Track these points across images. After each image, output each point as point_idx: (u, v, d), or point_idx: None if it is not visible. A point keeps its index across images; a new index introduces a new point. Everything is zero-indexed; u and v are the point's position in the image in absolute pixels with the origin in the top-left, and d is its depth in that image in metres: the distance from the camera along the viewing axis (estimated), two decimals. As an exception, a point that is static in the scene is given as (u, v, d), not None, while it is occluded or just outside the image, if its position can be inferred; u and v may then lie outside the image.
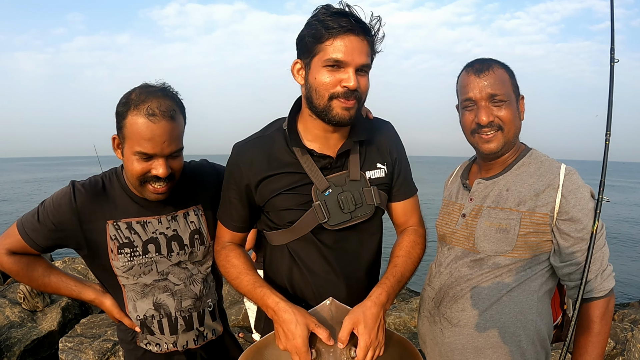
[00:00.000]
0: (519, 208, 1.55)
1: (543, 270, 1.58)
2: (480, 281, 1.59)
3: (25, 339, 4.94)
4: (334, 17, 1.37)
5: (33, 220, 1.56)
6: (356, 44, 1.38)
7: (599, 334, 1.50)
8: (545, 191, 1.53)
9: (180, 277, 1.66)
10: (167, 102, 1.47)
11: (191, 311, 1.69)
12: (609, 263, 1.54)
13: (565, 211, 1.50)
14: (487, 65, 1.57)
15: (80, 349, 4.12)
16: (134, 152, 1.47)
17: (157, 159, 1.48)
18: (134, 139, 1.45)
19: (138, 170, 1.48)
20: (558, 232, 1.52)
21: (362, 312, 1.41)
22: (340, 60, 1.38)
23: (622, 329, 4.78)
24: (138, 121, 1.43)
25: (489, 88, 1.55)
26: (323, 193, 1.52)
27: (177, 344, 1.69)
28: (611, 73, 1.62)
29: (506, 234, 1.55)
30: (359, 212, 1.56)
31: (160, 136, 1.44)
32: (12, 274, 1.62)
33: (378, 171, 1.61)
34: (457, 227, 1.68)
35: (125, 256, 1.58)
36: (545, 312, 1.60)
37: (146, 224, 1.61)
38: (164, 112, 1.45)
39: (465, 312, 1.61)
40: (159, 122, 1.43)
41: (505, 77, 1.57)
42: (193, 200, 1.71)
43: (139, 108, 1.43)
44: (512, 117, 1.57)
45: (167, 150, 1.48)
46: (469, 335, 1.61)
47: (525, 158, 1.63)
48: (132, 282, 1.62)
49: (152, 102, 1.44)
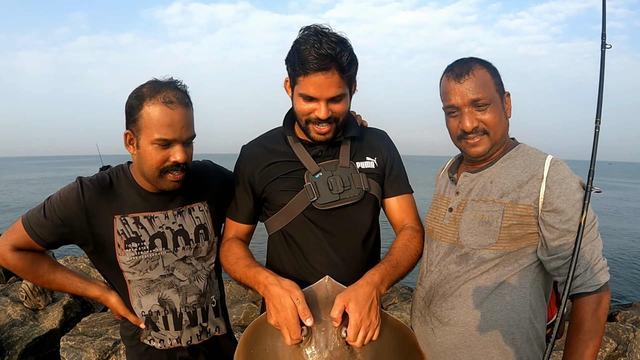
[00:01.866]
0: (502, 200, 1.52)
1: (533, 266, 1.54)
2: (468, 278, 1.56)
3: (26, 337, 4.95)
4: (306, 56, 1.51)
5: (39, 216, 1.56)
6: (324, 81, 1.52)
7: (590, 332, 1.43)
8: (529, 182, 1.50)
9: (186, 272, 1.68)
10: (179, 92, 1.54)
11: (195, 307, 1.70)
12: (603, 257, 1.48)
13: (550, 202, 1.46)
14: (467, 67, 1.55)
15: (82, 348, 4.13)
16: (152, 141, 1.50)
17: (175, 145, 1.52)
18: (152, 127, 1.49)
19: (158, 159, 1.52)
20: (543, 224, 1.48)
21: (354, 290, 1.46)
22: (312, 95, 1.55)
23: (624, 330, 4.76)
24: (156, 109, 1.48)
25: (470, 93, 1.52)
26: (314, 176, 1.68)
27: (181, 340, 1.69)
28: (602, 59, 1.60)
29: (489, 226, 1.52)
30: (347, 194, 1.68)
31: (179, 121, 1.50)
32: (17, 270, 1.61)
33: (367, 162, 1.76)
34: (445, 221, 1.66)
35: (132, 251, 1.59)
36: (539, 309, 1.57)
37: (153, 219, 1.63)
38: (180, 99, 1.52)
39: (455, 311, 1.58)
40: (176, 109, 1.50)
41: (486, 77, 1.54)
42: (198, 196, 1.74)
43: (156, 97, 1.49)
44: (497, 119, 1.55)
45: (185, 135, 1.53)
46: (460, 334, 1.58)
47: (512, 151, 1.61)
48: (138, 278, 1.63)
49: (167, 92, 1.50)
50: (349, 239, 1.71)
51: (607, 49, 1.61)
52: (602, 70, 1.58)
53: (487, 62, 1.59)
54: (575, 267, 1.41)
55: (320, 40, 1.50)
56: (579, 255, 1.43)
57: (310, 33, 1.53)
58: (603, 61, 1.59)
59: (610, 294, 1.48)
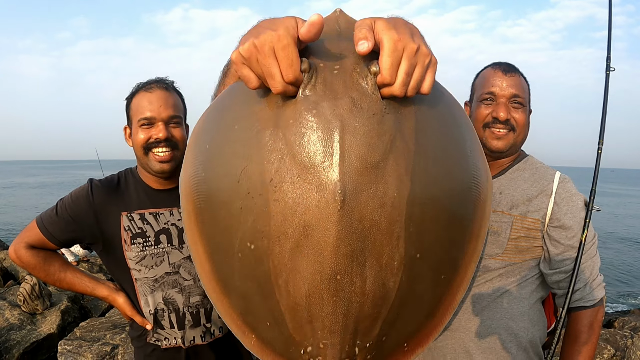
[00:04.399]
0: (511, 212, 1.54)
1: (534, 277, 1.57)
2: (472, 285, 1.58)
3: (24, 341, 4.94)
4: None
5: (52, 214, 1.65)
6: None
7: (586, 344, 1.49)
8: (538, 197, 1.53)
9: (191, 272, 1.70)
10: (162, 83, 1.67)
11: (199, 307, 1.72)
12: (600, 273, 1.54)
13: (557, 218, 1.50)
14: (514, 69, 1.61)
15: (79, 352, 4.13)
16: (137, 125, 1.61)
17: (157, 124, 1.61)
18: (137, 113, 1.62)
19: (142, 138, 1.61)
20: (549, 238, 1.52)
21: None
22: None
23: (622, 336, 4.77)
24: (138, 97, 1.63)
25: (513, 88, 1.57)
26: None
27: (184, 339, 1.71)
28: (606, 82, 1.61)
29: (497, 236, 1.54)
30: None
31: (157, 100, 1.61)
32: (30, 267, 1.70)
33: None
34: None
35: (137, 246, 1.64)
36: (538, 319, 1.60)
37: (158, 215, 1.68)
38: (159, 83, 1.65)
39: (456, 317, 1.60)
40: (154, 91, 1.62)
41: (525, 85, 1.61)
42: None
43: (140, 89, 1.64)
44: (525, 122, 1.60)
45: (165, 113, 1.61)
46: (460, 339, 1.60)
47: (520, 163, 1.64)
48: (144, 275, 1.67)
49: (150, 83, 1.65)
50: None
51: (611, 71, 1.63)
52: (606, 93, 1.60)
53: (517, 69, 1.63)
54: (575, 281, 1.47)
55: None
56: (579, 270, 1.48)
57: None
58: (607, 84, 1.60)
59: (604, 308, 1.54)
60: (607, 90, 1.60)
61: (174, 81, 1.73)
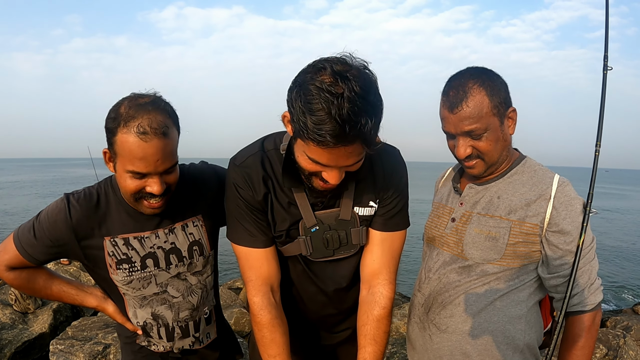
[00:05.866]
0: (509, 217, 1.52)
1: (532, 281, 1.56)
2: (469, 288, 1.58)
3: (16, 340, 4.91)
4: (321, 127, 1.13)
5: (30, 236, 1.52)
6: (342, 153, 1.21)
7: (583, 348, 1.49)
8: (536, 201, 1.50)
9: (179, 289, 1.64)
10: (158, 117, 1.38)
11: (187, 321, 1.68)
12: (598, 277, 1.52)
13: (555, 223, 1.47)
14: (462, 94, 1.46)
15: (71, 352, 4.09)
16: (126, 170, 1.41)
17: (152, 176, 1.43)
18: (126, 158, 1.38)
19: (132, 188, 1.44)
20: (547, 243, 1.50)
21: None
22: (324, 163, 1.26)
23: (614, 336, 4.79)
24: (129, 139, 1.35)
25: (464, 125, 1.47)
26: (310, 229, 1.51)
27: (173, 349, 1.70)
28: (604, 81, 1.56)
29: (495, 242, 1.53)
30: (342, 250, 1.57)
31: (153, 155, 1.38)
32: (14, 287, 1.63)
33: (369, 209, 1.55)
34: (447, 230, 1.66)
35: (123, 271, 1.56)
36: (535, 321, 1.60)
37: (144, 239, 1.57)
38: (156, 130, 1.36)
39: (453, 319, 1.60)
40: (150, 141, 1.36)
41: (483, 103, 1.45)
42: (192, 210, 1.65)
43: (129, 126, 1.35)
44: (493, 145, 1.50)
45: (161, 167, 1.42)
46: (457, 341, 1.60)
47: (518, 166, 1.60)
48: (132, 294, 1.62)
49: (142, 119, 1.36)
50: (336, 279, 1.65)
51: (608, 70, 1.57)
52: (604, 92, 1.55)
53: (487, 79, 1.49)
54: (572, 286, 1.46)
55: (340, 105, 1.11)
56: (577, 275, 1.46)
57: (327, 88, 1.13)
58: (605, 83, 1.55)
59: (601, 312, 1.54)
60: (604, 90, 1.55)
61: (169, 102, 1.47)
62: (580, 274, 1.48)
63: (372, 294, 1.58)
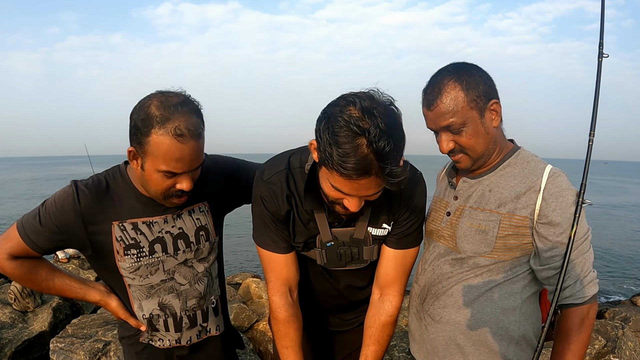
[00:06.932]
0: (499, 210, 1.52)
1: (525, 273, 1.56)
2: (461, 279, 1.59)
3: (16, 339, 4.91)
4: (348, 161, 1.20)
5: (35, 222, 1.50)
6: (365, 184, 1.27)
7: (576, 342, 1.46)
8: (526, 194, 1.49)
9: (186, 276, 1.66)
10: (192, 118, 1.40)
11: (195, 309, 1.69)
12: (593, 269, 1.49)
13: (545, 214, 1.46)
14: (437, 91, 1.48)
15: (71, 350, 4.09)
16: (158, 170, 1.42)
17: (184, 175, 1.46)
18: (159, 158, 1.40)
19: (164, 187, 1.46)
20: (537, 235, 1.49)
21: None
22: (346, 192, 1.32)
23: (612, 327, 4.81)
24: (165, 141, 1.36)
25: (440, 121, 1.50)
26: (325, 243, 1.63)
27: (180, 340, 1.70)
28: (599, 69, 1.51)
29: (485, 235, 1.53)
30: (354, 263, 1.69)
31: (190, 154, 1.41)
32: (15, 278, 1.59)
33: (382, 230, 1.64)
34: (442, 224, 1.67)
35: (132, 257, 1.56)
36: (532, 313, 1.60)
37: (152, 224, 1.58)
38: (193, 132, 1.39)
39: (446, 309, 1.62)
40: (187, 143, 1.38)
41: (458, 98, 1.46)
42: (199, 197, 1.68)
43: (166, 127, 1.35)
44: (473, 139, 1.50)
45: (194, 165, 1.47)
46: (450, 332, 1.62)
47: (511, 158, 1.59)
48: (138, 283, 1.61)
49: (178, 121, 1.36)
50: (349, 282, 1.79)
51: (604, 58, 1.52)
52: (599, 81, 1.51)
53: (465, 73, 1.49)
54: (564, 278, 1.44)
55: (367, 140, 1.18)
56: (569, 267, 1.44)
57: (355, 122, 1.19)
58: (599, 71, 1.51)
59: (596, 305, 1.50)
60: (599, 77, 1.51)
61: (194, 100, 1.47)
62: (573, 266, 1.46)
63: (382, 301, 1.71)
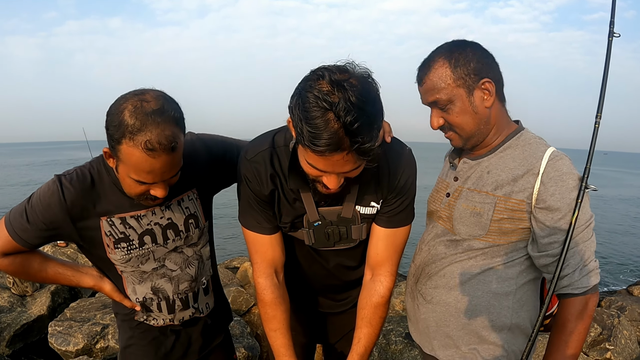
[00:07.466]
0: (495, 192, 1.48)
1: (522, 258, 1.52)
2: (454, 260, 1.58)
3: (14, 323, 4.92)
4: (317, 136, 1.16)
5: (22, 221, 1.49)
6: (338, 160, 1.22)
7: (572, 334, 1.41)
8: (523, 176, 1.44)
9: (177, 262, 1.66)
10: (167, 130, 1.31)
11: (187, 292, 1.71)
12: (595, 259, 1.43)
13: (543, 199, 1.41)
14: (428, 67, 1.48)
15: (70, 333, 4.11)
16: (127, 174, 1.38)
17: (157, 184, 1.41)
18: (131, 168, 1.35)
19: (137, 192, 1.43)
20: (535, 220, 1.44)
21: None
22: (322, 169, 1.29)
23: (609, 315, 4.84)
24: (135, 153, 1.30)
25: (427, 97, 1.50)
26: (313, 223, 1.60)
27: (174, 320, 1.73)
28: (608, 48, 1.46)
29: (479, 217, 1.50)
30: (342, 243, 1.66)
31: (161, 168, 1.35)
32: (9, 273, 1.61)
33: (371, 209, 1.59)
34: (442, 205, 1.66)
35: (122, 250, 1.56)
36: (528, 300, 1.56)
37: (140, 217, 1.57)
38: (165, 146, 1.30)
39: (437, 290, 1.61)
40: (159, 157, 1.32)
41: (445, 74, 1.44)
42: (187, 185, 1.66)
43: (136, 140, 1.28)
44: (461, 117, 1.47)
45: (167, 176, 1.41)
46: (441, 313, 1.61)
47: (512, 140, 1.53)
48: (131, 270, 1.62)
49: (151, 133, 1.28)
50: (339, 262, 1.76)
51: (615, 37, 1.49)
52: (608, 61, 1.45)
53: (456, 50, 1.46)
54: (562, 266, 1.39)
55: (337, 114, 1.13)
56: (568, 254, 1.39)
57: (323, 96, 1.14)
58: (609, 51, 1.46)
59: (598, 296, 1.44)
60: (609, 57, 1.45)
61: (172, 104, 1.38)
62: (572, 254, 1.40)
63: (373, 282, 1.67)
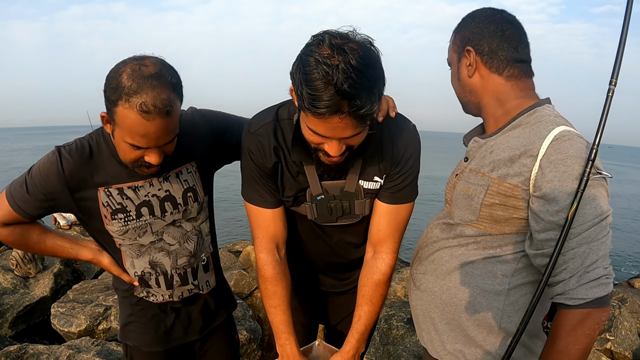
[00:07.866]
0: (491, 174, 1.30)
1: (519, 255, 1.31)
2: (445, 245, 1.45)
3: (17, 305, 4.96)
4: (317, 97, 1.15)
5: (22, 192, 1.52)
6: (339, 124, 1.21)
7: (561, 352, 1.16)
8: (520, 158, 1.24)
9: (175, 236, 1.66)
10: (162, 93, 1.31)
11: (186, 268, 1.71)
12: (604, 265, 1.16)
13: (539, 186, 1.19)
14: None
15: (72, 314, 4.14)
16: (122, 139, 1.38)
17: (151, 149, 1.40)
18: (126, 131, 1.34)
19: (132, 157, 1.42)
20: (531, 211, 1.23)
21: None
22: (322, 134, 1.27)
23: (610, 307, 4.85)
24: (130, 116, 1.30)
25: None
26: (316, 197, 1.58)
27: (172, 296, 1.73)
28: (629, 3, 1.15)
29: (470, 200, 1.35)
30: (345, 218, 1.64)
31: (155, 132, 1.34)
32: (8, 243, 1.63)
33: (374, 183, 1.57)
34: (449, 186, 1.53)
35: (119, 221, 1.57)
36: (525, 305, 1.34)
37: (138, 188, 1.57)
38: (160, 109, 1.30)
39: (426, 276, 1.50)
40: (153, 120, 1.31)
41: (452, 37, 1.48)
42: (186, 158, 1.65)
43: (131, 102, 1.28)
44: (452, 82, 1.50)
45: (162, 142, 1.40)
46: (427, 302, 1.50)
47: (523, 117, 1.32)
48: (129, 243, 1.63)
49: (147, 95, 1.28)
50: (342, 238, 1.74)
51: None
52: (628, 17, 1.14)
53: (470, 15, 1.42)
54: (552, 268, 1.16)
55: (336, 76, 1.12)
56: (568, 256, 1.17)
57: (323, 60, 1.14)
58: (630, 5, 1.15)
59: (604, 312, 1.16)
60: (629, 12, 1.14)
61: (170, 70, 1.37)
62: (572, 256, 1.16)
63: (375, 259, 1.65)
